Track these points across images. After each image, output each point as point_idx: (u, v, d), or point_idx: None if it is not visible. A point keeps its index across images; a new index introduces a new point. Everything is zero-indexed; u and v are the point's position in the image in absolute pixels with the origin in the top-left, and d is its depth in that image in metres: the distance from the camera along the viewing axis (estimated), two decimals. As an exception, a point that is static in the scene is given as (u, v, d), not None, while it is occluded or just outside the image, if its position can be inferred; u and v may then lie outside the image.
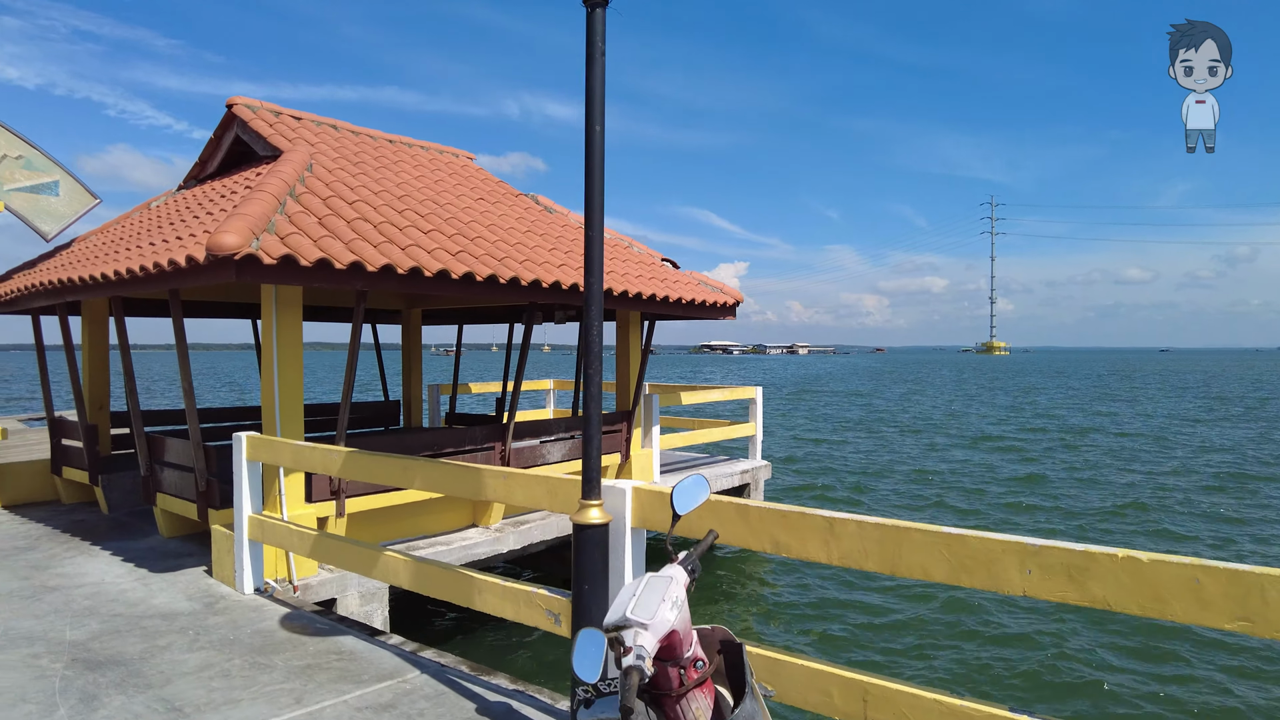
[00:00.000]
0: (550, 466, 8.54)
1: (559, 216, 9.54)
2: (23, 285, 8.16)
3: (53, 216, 9.01)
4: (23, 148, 8.81)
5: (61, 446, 8.92)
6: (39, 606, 5.35)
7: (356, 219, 6.33)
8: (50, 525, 7.87)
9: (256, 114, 8.21)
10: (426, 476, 4.26)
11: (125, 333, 7.11)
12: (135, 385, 7.18)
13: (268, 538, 5.49)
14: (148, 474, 7.16)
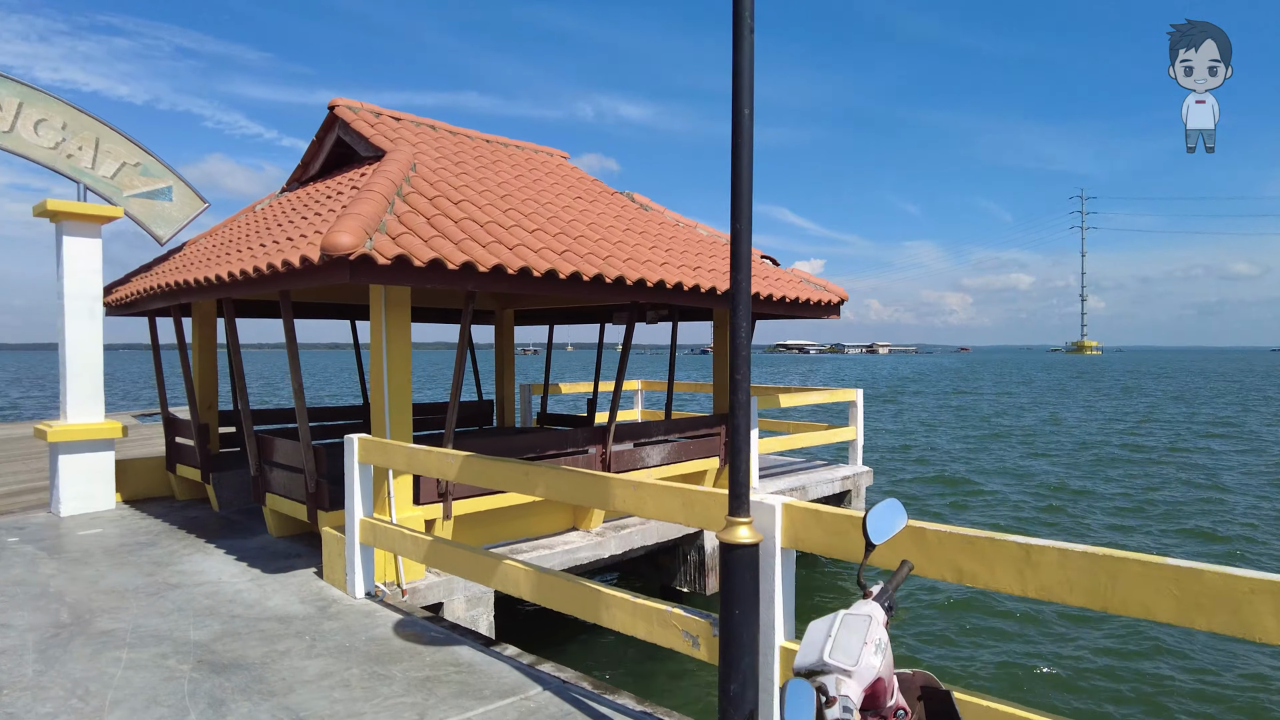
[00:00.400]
0: (649, 470, 8.33)
1: (655, 214, 9.32)
2: (141, 288, 8.41)
3: (166, 221, 9.28)
4: (140, 155, 9.09)
5: (175, 444, 9.17)
6: (163, 604, 5.42)
7: (464, 219, 6.23)
8: (167, 521, 8.08)
9: (358, 115, 8.25)
10: (550, 484, 4.08)
11: (235, 333, 7.21)
12: (245, 385, 7.28)
13: (380, 542, 5.43)
14: (257, 474, 7.25)
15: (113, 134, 8.92)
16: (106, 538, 7.40)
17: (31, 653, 4.58)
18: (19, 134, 8.36)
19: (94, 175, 8.79)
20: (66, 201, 8.50)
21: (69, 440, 8.46)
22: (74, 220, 8.59)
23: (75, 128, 8.68)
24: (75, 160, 8.68)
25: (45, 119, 8.50)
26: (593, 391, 11.86)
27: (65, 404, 8.62)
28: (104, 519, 8.25)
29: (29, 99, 8.41)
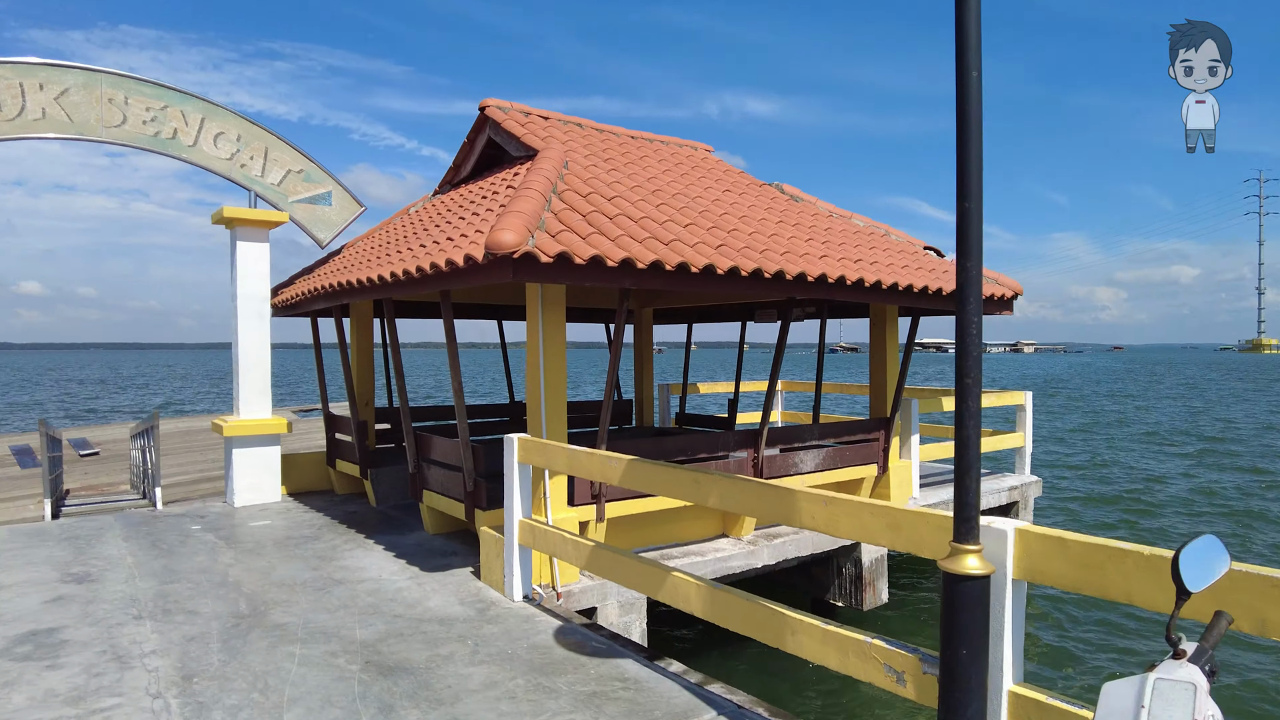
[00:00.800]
0: (801, 477, 7.92)
1: (807, 205, 8.88)
2: (305, 290, 8.75)
3: (326, 224, 9.66)
4: (303, 162, 9.50)
5: (335, 441, 9.53)
6: (330, 600, 5.51)
7: (619, 215, 6.05)
8: (328, 515, 8.37)
9: (508, 115, 8.26)
10: (725, 494, 3.79)
11: (395, 333, 7.34)
12: (404, 384, 7.40)
13: (539, 544, 5.31)
14: (415, 471, 7.36)
15: (279, 143, 9.36)
16: (275, 529, 7.72)
17: (216, 641, 4.73)
18: (201, 147, 8.89)
19: (263, 183, 9.25)
20: (240, 208, 8.98)
21: (241, 435, 8.93)
22: (246, 226, 9.06)
23: (247, 138, 9.15)
24: (247, 169, 9.16)
25: (223, 132, 9.01)
26: (733, 392, 11.53)
27: (238, 400, 9.11)
28: (271, 510, 8.65)
29: (210, 114, 8.93)
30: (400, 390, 7.43)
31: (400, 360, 7.30)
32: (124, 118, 8.48)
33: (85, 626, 4.99)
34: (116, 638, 4.79)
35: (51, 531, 7.76)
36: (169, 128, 8.71)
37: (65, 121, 8.21)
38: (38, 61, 8.14)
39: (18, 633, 4.91)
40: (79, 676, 4.25)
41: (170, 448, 17.95)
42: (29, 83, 8.05)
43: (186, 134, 8.80)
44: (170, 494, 14.36)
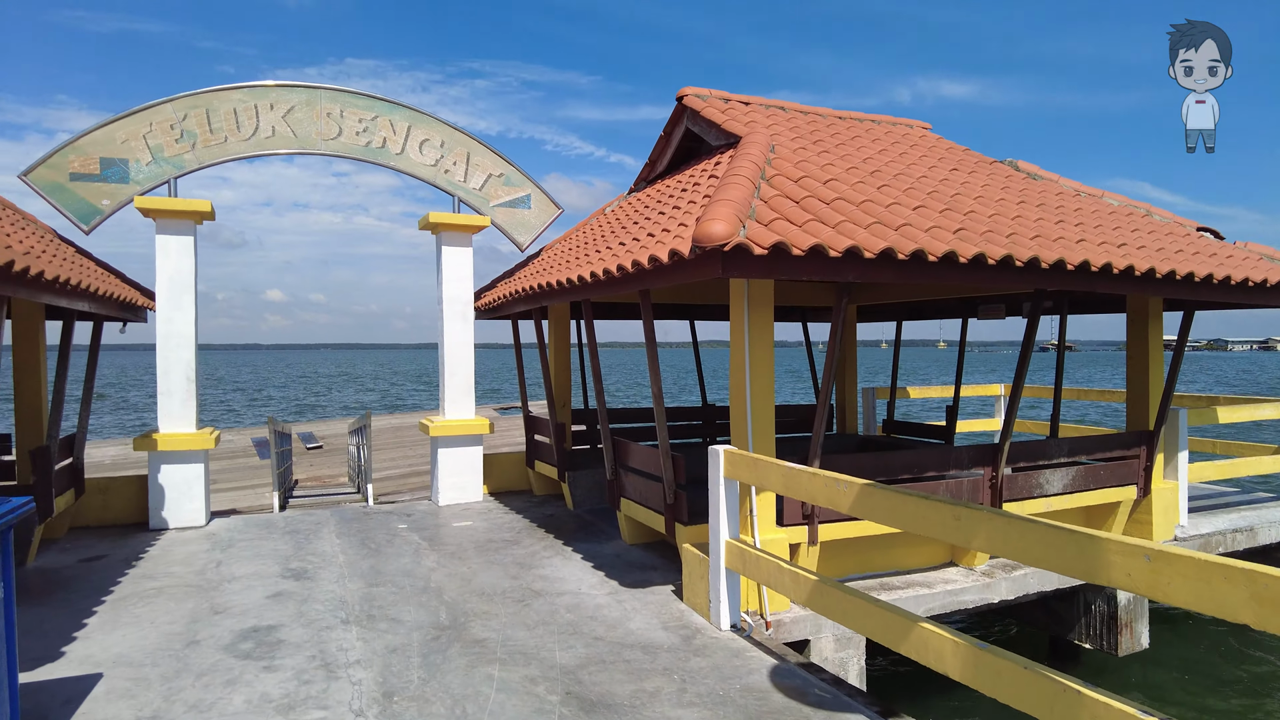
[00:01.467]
0: (1046, 500, 6.83)
1: (1049, 184, 7.70)
2: (506, 293, 8.75)
3: (525, 228, 9.65)
4: (503, 166, 9.55)
5: (534, 442, 9.50)
6: (528, 615, 5.27)
7: (836, 199, 5.37)
8: (527, 518, 8.29)
9: (707, 102, 7.78)
10: (999, 537, 3.05)
11: (594, 334, 7.08)
12: (602, 386, 7.12)
13: (750, 571, 4.76)
14: (613, 478, 7.06)
15: (481, 148, 9.46)
16: (475, 531, 7.72)
17: (417, 655, 4.58)
18: (408, 155, 9.14)
19: (466, 188, 9.38)
20: (444, 214, 9.14)
21: (446, 435, 9.09)
22: (450, 231, 9.22)
23: (450, 144, 9.32)
24: (450, 175, 9.32)
25: (428, 138, 9.22)
26: (952, 397, 10.39)
27: (443, 401, 9.30)
28: (473, 511, 8.71)
29: (415, 121, 9.16)
30: (598, 394, 7.16)
31: (598, 363, 7.02)
32: (339, 130, 8.87)
33: (299, 627, 5.04)
34: (325, 642, 4.78)
35: (277, 524, 8.21)
36: (379, 137, 9.02)
37: (290, 137, 8.70)
38: (270, 84, 8.67)
39: (243, 627, 5.04)
40: (290, 682, 4.22)
41: (382, 443, 19.20)
42: (262, 104, 8.59)
43: (394, 142, 9.08)
44: (381, 487, 15.15)
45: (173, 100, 8.30)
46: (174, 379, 8.14)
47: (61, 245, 7.76)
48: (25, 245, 5.73)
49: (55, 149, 7.99)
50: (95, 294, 6.35)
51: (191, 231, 8.25)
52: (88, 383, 7.94)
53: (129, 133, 8.17)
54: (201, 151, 8.39)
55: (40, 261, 5.40)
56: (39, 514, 6.68)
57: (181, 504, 8.10)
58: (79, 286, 5.87)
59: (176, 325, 8.17)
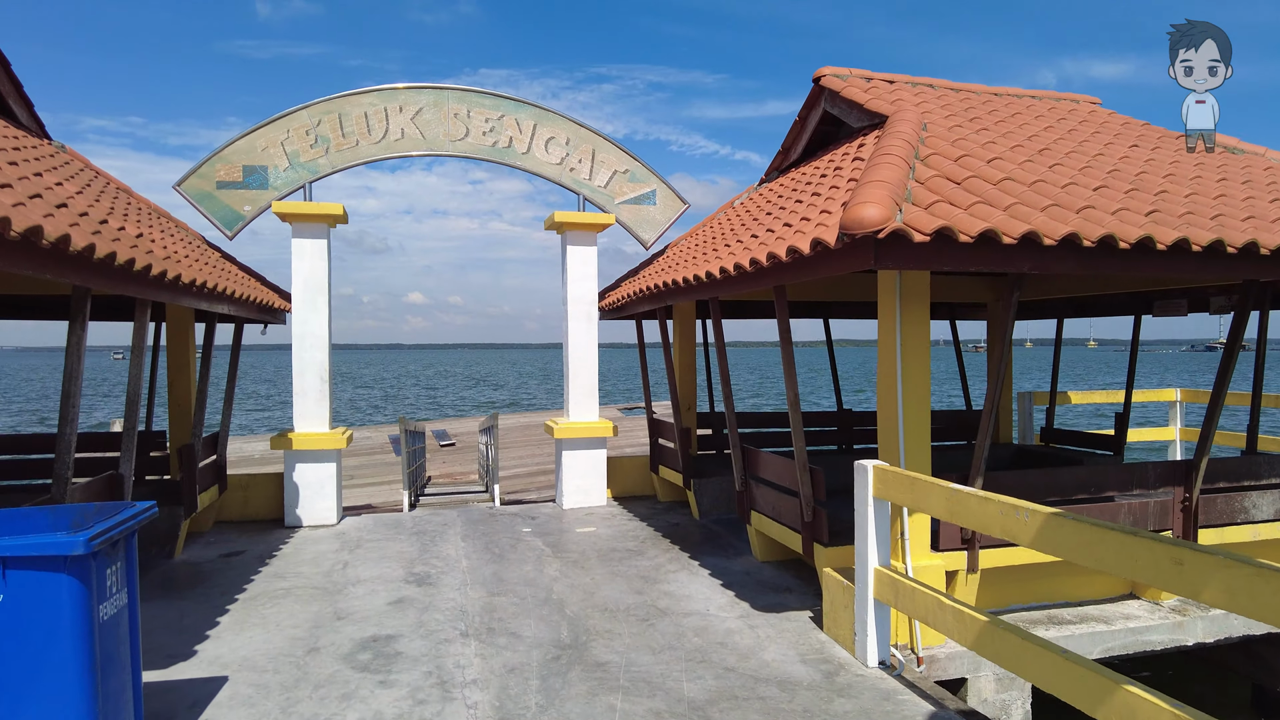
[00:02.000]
0: (1254, 527, 5.84)
1: (1254, 158, 6.63)
2: (630, 292, 8.45)
3: (650, 224, 9.32)
4: (628, 161, 9.26)
5: (659, 446, 9.16)
6: (654, 636, 4.89)
7: (1004, 180, 4.71)
8: (651, 526, 7.94)
9: (847, 82, 7.18)
10: (1241, 587, 2.40)
11: (721, 335, 6.64)
12: (730, 389, 6.67)
13: (903, 605, 4.20)
14: (743, 489, 6.59)
15: (606, 144, 9.20)
16: (599, 539, 7.44)
17: (535, 678, 4.29)
18: (534, 154, 9.00)
19: (590, 185, 9.15)
20: (569, 213, 8.94)
21: (570, 438, 8.88)
22: (575, 230, 9.01)
23: (576, 141, 9.11)
24: (576, 173, 9.11)
25: (553, 136, 9.04)
26: (1123, 403, 9.27)
27: (568, 402, 9.10)
28: (596, 516, 8.45)
29: (541, 119, 9.01)
30: (726, 398, 6.71)
31: (726, 366, 6.58)
32: (466, 131, 8.82)
33: (418, 639, 4.87)
34: (442, 657, 4.57)
35: (405, 524, 8.23)
36: (505, 137, 8.92)
37: (419, 139, 8.72)
38: (399, 86, 8.73)
39: (364, 635, 4.92)
40: (404, 701, 4.01)
41: (511, 441, 19.46)
42: (391, 106, 8.65)
43: (520, 141, 8.95)
44: (509, 485, 15.25)
45: (308, 106, 8.48)
46: (308, 379, 8.31)
47: (208, 250, 8.06)
48: (169, 250, 5.88)
49: (204, 160, 8.32)
50: (231, 296, 6.48)
51: (325, 234, 8.40)
52: (230, 382, 8.23)
53: (269, 140, 8.41)
54: (334, 156, 8.53)
55: (179, 266, 5.50)
56: (184, 509, 6.90)
57: (314, 503, 8.25)
58: (215, 289, 5.97)
59: (311, 326, 8.34)
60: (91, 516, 3.53)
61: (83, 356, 4.51)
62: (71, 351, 4.47)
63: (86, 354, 4.55)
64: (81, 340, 4.51)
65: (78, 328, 4.46)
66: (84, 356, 4.53)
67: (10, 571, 2.99)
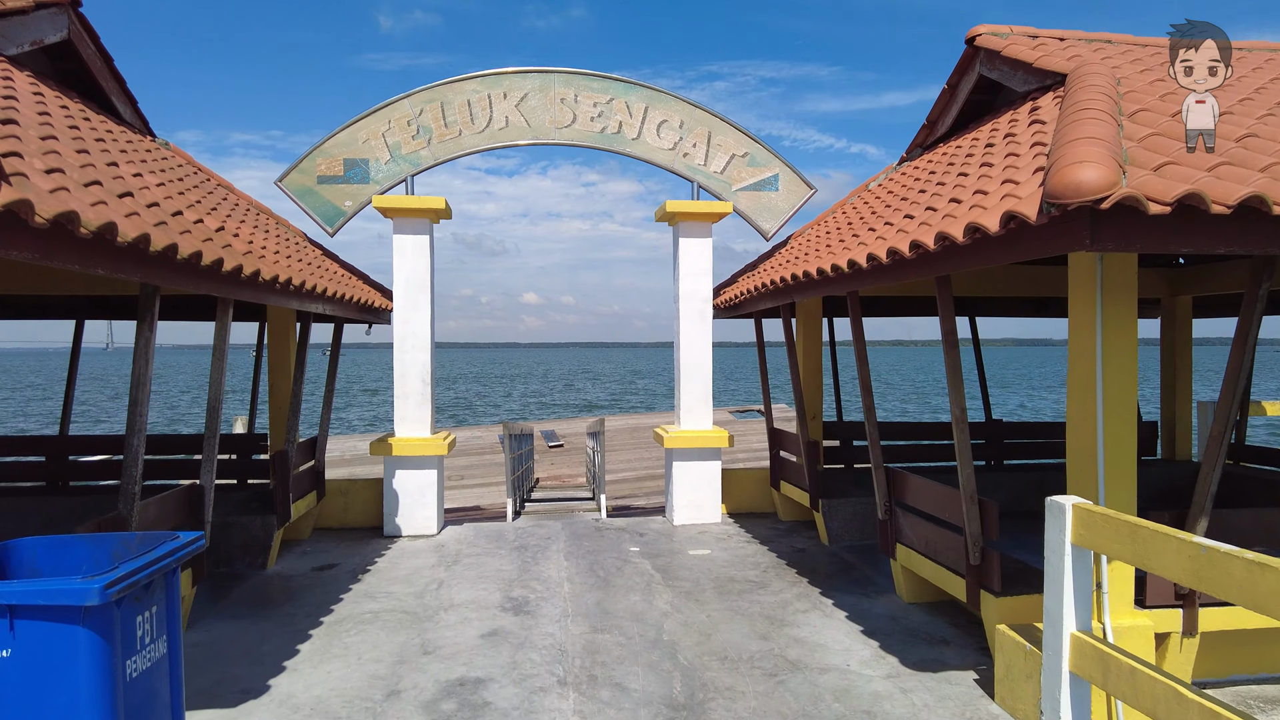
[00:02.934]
0: None
1: None
2: (749, 287, 7.65)
3: (772, 212, 8.47)
4: (748, 144, 8.45)
5: (780, 459, 8.30)
6: (785, 699, 4.09)
7: (1246, 136, 3.64)
8: (773, 550, 7.11)
9: (1009, 40, 6.12)
10: None
11: (862, 334, 5.74)
12: (872, 400, 5.76)
13: (1112, 685, 3.23)
14: (886, 518, 5.67)
15: (723, 125, 8.42)
16: (715, 563, 6.67)
17: (643, 748, 3.58)
18: (645, 139, 8.32)
19: (706, 172, 8.39)
20: (682, 202, 8.21)
21: (682, 448, 8.15)
22: (689, 220, 8.27)
23: (690, 124, 8.37)
24: (690, 158, 8.37)
25: (666, 119, 8.34)
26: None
27: (679, 408, 8.38)
28: (711, 535, 7.68)
29: (653, 101, 8.32)
30: (867, 409, 5.80)
31: (867, 370, 5.67)
32: (573, 116, 8.23)
33: (509, 685, 4.24)
34: (536, 712, 3.92)
35: (508, 536, 7.72)
36: (614, 122, 8.28)
37: (524, 127, 8.20)
38: (504, 71, 8.23)
39: (450, 678, 4.34)
40: (490, 772, 3.38)
41: (620, 443, 18.93)
42: (495, 93, 8.16)
43: (630, 126, 8.29)
44: (616, 489, 14.67)
45: (410, 95, 8.10)
46: (410, 381, 7.92)
47: (307, 248, 7.80)
48: (255, 245, 5.52)
49: (305, 154, 8.07)
50: (323, 295, 6.09)
51: (427, 230, 8.00)
52: (329, 384, 7.93)
53: (370, 132, 8.07)
54: (437, 147, 8.12)
55: (262, 262, 5.10)
56: (278, 519, 6.59)
57: (414, 511, 7.85)
58: (303, 287, 5.57)
59: (413, 326, 7.95)
60: (132, 548, 3.04)
61: (151, 359, 4.12)
62: (139, 354, 4.09)
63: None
64: (150, 342, 4.12)
65: (145, 328, 4.07)
66: (153, 359, 4.14)
67: (20, 622, 2.50)
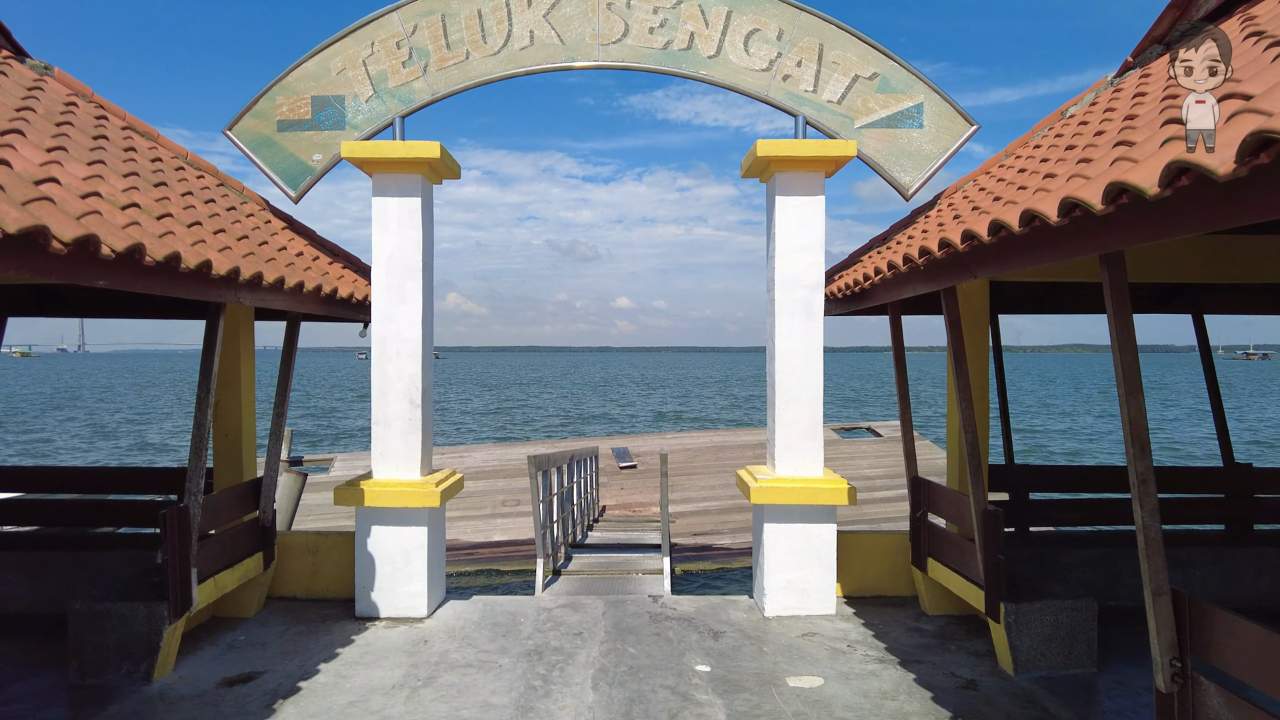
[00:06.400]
0: None
1: None
2: (881, 264, 5.05)
3: (914, 159, 5.81)
4: (878, 61, 5.81)
5: (926, 526, 5.58)
6: None
7: None
8: (924, 680, 4.45)
9: None
10: None
11: (1131, 323, 3.06)
12: (1147, 432, 3.07)
13: None
14: (1175, 680, 2.96)
15: (841, 34, 5.82)
16: (829, 704, 4.10)
17: None
18: (726, 56, 5.81)
19: (815, 100, 5.81)
20: (782, 141, 5.64)
21: (778, 503, 5.57)
22: (790, 170, 5.68)
23: (793, 34, 5.80)
24: (792, 82, 5.81)
25: (757, 28, 5.80)
26: None
27: (773, 442, 5.80)
28: (821, 643, 5.07)
29: (739, 3, 5.80)
30: (1135, 443, 3.10)
31: (1138, 380, 3.00)
32: (625, 27, 5.80)
33: None
34: None
35: (523, 627, 5.35)
36: (683, 32, 5.81)
37: (556, 44, 5.83)
38: (527, -32, 5.89)
39: None
40: None
41: (700, 465, 16.37)
42: (516, 1, 5.82)
43: (706, 39, 5.80)
44: (695, 523, 12.13)
45: (400, 7, 5.84)
46: (392, 402, 5.65)
47: (273, 220, 5.68)
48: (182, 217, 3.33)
49: (261, 92, 5.92)
50: (254, 284, 3.82)
51: (417, 190, 5.71)
52: (279, 401, 5.71)
53: (346, 59, 5.87)
54: (435, 76, 5.84)
55: (174, 241, 2.87)
56: (170, 609, 4.40)
57: (396, 584, 5.58)
58: (222, 274, 3.30)
59: (397, 325, 5.69)
60: None
61: None
62: None
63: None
64: None
65: None
66: None
67: None
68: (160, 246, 3.41)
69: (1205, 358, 6.50)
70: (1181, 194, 2.28)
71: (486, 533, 12.32)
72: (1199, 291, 6.60)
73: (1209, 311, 6.63)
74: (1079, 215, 2.69)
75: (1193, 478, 6.43)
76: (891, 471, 15.01)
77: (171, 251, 3.43)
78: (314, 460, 17.73)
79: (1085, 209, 2.58)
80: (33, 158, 3.40)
